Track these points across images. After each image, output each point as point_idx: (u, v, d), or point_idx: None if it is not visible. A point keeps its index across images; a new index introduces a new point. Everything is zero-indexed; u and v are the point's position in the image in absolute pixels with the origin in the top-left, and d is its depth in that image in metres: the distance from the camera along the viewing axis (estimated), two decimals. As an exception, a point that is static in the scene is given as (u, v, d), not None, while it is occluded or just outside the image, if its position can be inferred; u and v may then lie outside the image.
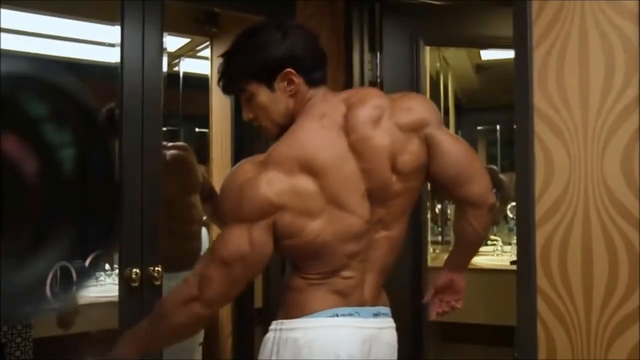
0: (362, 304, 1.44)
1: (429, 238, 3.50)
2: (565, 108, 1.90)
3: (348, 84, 2.70)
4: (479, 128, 4.99)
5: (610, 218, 1.84)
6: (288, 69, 1.41)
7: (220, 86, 1.50)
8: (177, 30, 3.31)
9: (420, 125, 1.44)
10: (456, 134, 4.26)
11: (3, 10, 2.24)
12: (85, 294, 2.41)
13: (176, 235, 2.75)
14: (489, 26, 2.79)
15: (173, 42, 3.42)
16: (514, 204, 3.33)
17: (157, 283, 2.19)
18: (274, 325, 1.43)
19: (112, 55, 2.31)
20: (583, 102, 1.88)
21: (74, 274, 0.74)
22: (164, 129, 2.46)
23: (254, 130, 1.52)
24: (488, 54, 4.19)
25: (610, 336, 1.83)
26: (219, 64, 1.50)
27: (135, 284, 2.14)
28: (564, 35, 1.91)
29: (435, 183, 1.52)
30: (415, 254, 2.72)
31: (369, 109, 1.41)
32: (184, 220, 2.87)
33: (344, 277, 1.42)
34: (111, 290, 2.57)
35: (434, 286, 1.65)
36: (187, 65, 3.69)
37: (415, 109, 1.45)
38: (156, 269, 2.18)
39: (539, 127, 1.94)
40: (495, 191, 4.63)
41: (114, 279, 2.78)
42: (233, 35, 1.53)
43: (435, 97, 3.95)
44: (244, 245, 1.33)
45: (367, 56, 2.74)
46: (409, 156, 1.42)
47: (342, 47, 2.75)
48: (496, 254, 4.11)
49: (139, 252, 2.15)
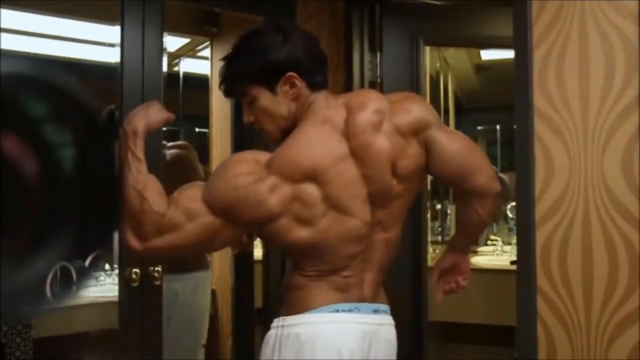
0: (362, 301, 1.46)
1: (429, 238, 3.50)
2: (565, 108, 1.90)
3: (348, 84, 2.70)
4: (479, 128, 4.98)
5: (610, 218, 1.84)
6: (290, 73, 1.41)
7: (222, 90, 1.50)
8: (177, 30, 3.31)
9: (419, 127, 1.45)
10: (455, 129, 4.27)
11: (3, 10, 2.24)
12: (85, 294, 2.41)
13: None
14: (489, 26, 2.79)
15: (173, 42, 3.42)
16: (514, 204, 3.33)
17: (157, 283, 2.19)
18: (276, 322, 1.44)
19: (112, 55, 2.31)
20: (583, 102, 1.88)
21: (74, 274, 0.74)
22: (164, 129, 2.46)
23: (253, 131, 1.52)
24: (488, 54, 4.19)
25: (610, 336, 1.83)
26: (220, 68, 1.50)
27: (135, 284, 2.14)
28: (564, 35, 1.91)
29: (442, 179, 1.55)
30: (415, 253, 2.72)
31: (369, 114, 1.42)
32: None
33: (344, 276, 1.43)
34: (111, 290, 2.57)
35: (439, 268, 1.68)
36: (187, 65, 3.69)
37: (414, 110, 1.46)
38: (156, 269, 2.18)
39: (539, 127, 1.93)
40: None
41: (114, 279, 2.78)
42: (233, 35, 1.53)
43: (435, 97, 3.95)
44: (207, 235, 1.34)
45: (367, 56, 2.73)
46: (409, 159, 1.44)
47: (342, 47, 2.75)
48: (496, 254, 4.11)
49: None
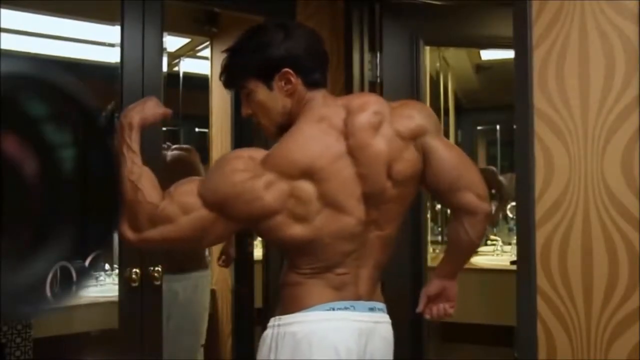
0: (357, 299, 1.46)
1: (429, 238, 3.50)
2: (565, 108, 1.90)
3: (348, 84, 2.70)
4: (478, 128, 4.99)
5: (610, 218, 1.84)
6: (286, 69, 1.42)
7: (222, 81, 1.52)
8: (177, 30, 3.31)
9: (419, 133, 1.45)
10: (453, 142, 4.28)
11: (3, 10, 2.24)
12: (85, 294, 2.42)
13: None
14: (489, 26, 2.79)
15: (173, 42, 3.42)
16: (514, 204, 3.33)
17: (157, 283, 2.19)
18: (272, 322, 1.44)
19: (112, 55, 2.31)
20: (583, 102, 1.88)
21: (74, 274, 0.74)
22: (164, 129, 2.46)
23: (253, 130, 1.52)
24: (488, 54, 4.19)
25: (610, 336, 1.83)
26: (222, 60, 1.51)
27: (135, 284, 2.14)
28: (564, 35, 1.91)
29: (432, 190, 1.54)
30: (415, 254, 2.72)
31: (369, 115, 1.42)
32: None
33: (338, 274, 1.43)
34: (111, 290, 2.57)
35: (426, 294, 1.64)
36: (187, 65, 3.69)
37: (415, 117, 1.46)
38: (156, 269, 2.18)
39: (539, 127, 1.94)
40: (494, 192, 4.64)
41: (113, 279, 2.78)
42: (233, 35, 1.54)
43: (435, 97, 3.95)
44: (201, 229, 1.34)
45: (367, 56, 2.73)
46: (405, 164, 1.43)
47: (342, 47, 2.75)
48: (496, 254, 4.11)
49: (138, 252, 2.15)
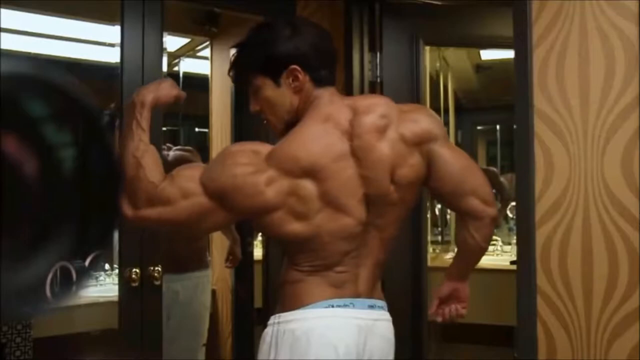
0: (357, 296, 1.46)
1: (429, 238, 3.49)
2: (566, 108, 1.90)
3: (348, 84, 2.70)
4: (478, 128, 4.98)
5: (610, 218, 1.84)
6: (293, 66, 1.41)
7: (230, 77, 1.52)
8: (177, 30, 3.31)
9: (424, 138, 1.45)
10: (453, 142, 4.28)
11: (3, 10, 2.24)
12: (85, 294, 2.41)
13: (181, 236, 2.76)
14: (489, 26, 2.79)
15: (173, 42, 3.42)
16: (514, 204, 3.33)
17: (157, 283, 2.19)
18: (272, 319, 1.44)
19: (112, 55, 2.31)
20: (583, 102, 1.88)
21: (74, 274, 0.74)
22: (164, 129, 2.46)
23: (254, 131, 1.52)
24: (488, 54, 4.19)
25: (610, 336, 1.83)
26: (232, 55, 1.51)
27: (135, 284, 2.14)
28: (564, 35, 1.91)
29: (438, 195, 1.55)
30: (415, 254, 2.72)
31: (375, 118, 1.42)
32: None
33: (338, 272, 1.44)
34: (111, 290, 2.57)
35: (437, 296, 1.65)
36: (187, 65, 3.69)
37: (422, 121, 1.46)
38: (156, 269, 2.18)
39: (539, 127, 1.94)
40: (495, 192, 4.65)
41: (113, 279, 2.78)
42: (233, 35, 1.55)
43: (435, 97, 3.95)
44: (198, 215, 1.33)
45: (367, 56, 2.73)
46: (408, 169, 1.44)
47: (342, 47, 2.75)
48: (496, 254, 4.10)
49: (138, 252, 2.15)
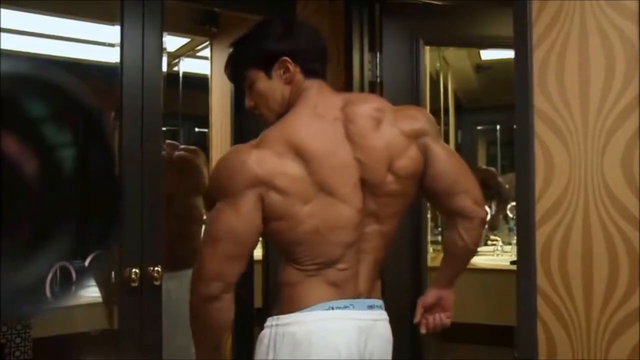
0: (357, 296, 1.46)
1: (429, 238, 3.50)
2: (566, 108, 1.90)
3: (348, 84, 2.70)
4: (478, 128, 4.99)
5: (610, 218, 1.84)
6: (284, 57, 1.46)
7: (226, 74, 1.58)
8: (177, 30, 3.31)
9: (421, 133, 1.49)
10: (453, 142, 4.30)
11: (3, 10, 2.24)
12: (85, 294, 2.41)
13: (176, 234, 2.77)
14: (489, 26, 2.79)
15: (173, 42, 3.42)
16: (514, 203, 3.33)
17: (157, 283, 2.19)
18: (270, 321, 1.44)
19: (112, 55, 2.31)
20: (583, 102, 1.88)
21: (74, 274, 0.74)
22: (164, 128, 2.46)
23: (253, 131, 1.52)
24: (488, 54, 4.20)
25: (610, 336, 1.83)
26: (228, 53, 1.57)
27: (135, 284, 2.14)
28: (564, 35, 1.91)
29: (429, 193, 1.56)
30: (415, 254, 2.72)
31: (370, 108, 1.46)
32: (187, 219, 2.89)
33: (339, 269, 1.43)
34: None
35: (422, 305, 1.66)
36: (187, 65, 3.69)
37: (418, 118, 1.51)
38: (156, 269, 2.18)
39: (539, 127, 1.94)
40: (494, 192, 4.64)
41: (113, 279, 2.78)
42: (233, 35, 1.57)
43: (435, 97, 3.95)
44: (231, 218, 1.36)
45: (367, 56, 2.73)
46: (408, 161, 1.46)
47: (342, 47, 2.75)
48: (496, 254, 4.11)
49: (138, 252, 2.15)
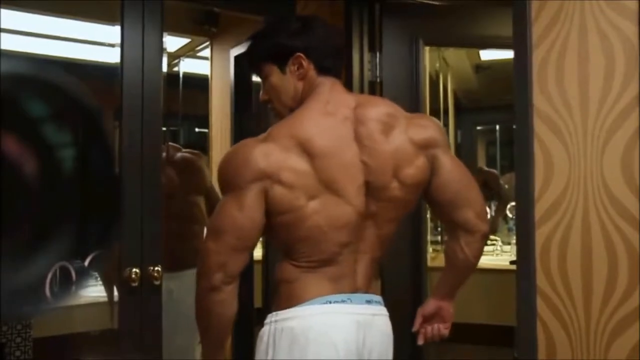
0: (354, 291, 1.47)
1: (429, 238, 3.50)
2: (565, 108, 1.90)
3: (348, 84, 2.70)
4: (478, 128, 4.98)
5: (609, 218, 1.84)
6: (298, 53, 1.47)
7: (246, 66, 1.65)
8: (177, 30, 3.31)
9: (431, 144, 1.49)
10: (453, 142, 4.30)
11: (3, 10, 2.24)
12: (84, 294, 2.42)
13: (177, 234, 2.78)
14: (488, 26, 2.79)
15: (173, 42, 3.42)
16: (513, 203, 3.33)
17: (157, 283, 2.19)
18: (269, 318, 1.45)
19: (112, 56, 2.31)
20: (583, 102, 1.88)
21: (73, 274, 0.74)
22: (164, 128, 2.46)
23: (253, 131, 1.54)
24: (487, 54, 4.20)
25: (609, 336, 1.83)
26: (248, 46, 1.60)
27: (135, 284, 2.14)
28: (564, 35, 1.91)
29: (433, 203, 1.57)
30: (415, 254, 2.72)
31: (382, 113, 1.47)
32: (188, 220, 2.90)
33: (336, 266, 1.44)
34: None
35: (421, 314, 1.67)
36: (187, 65, 3.69)
37: (429, 127, 1.51)
38: (156, 268, 2.18)
39: (539, 127, 1.93)
40: (494, 195, 4.64)
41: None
42: (233, 35, 1.59)
43: (434, 97, 3.95)
44: (234, 212, 1.38)
45: (367, 56, 2.73)
46: (414, 170, 1.46)
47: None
48: (496, 254, 4.11)
49: (138, 252, 2.15)
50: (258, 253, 3.17)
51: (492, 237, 4.32)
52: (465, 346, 3.92)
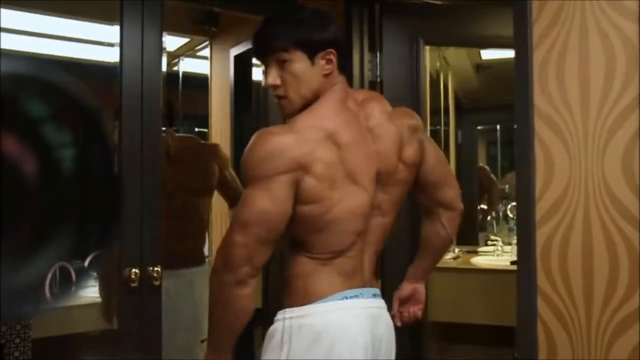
0: (363, 285, 1.50)
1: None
2: (566, 108, 1.90)
3: (348, 84, 2.69)
4: (478, 128, 4.97)
5: (610, 218, 1.83)
6: (331, 49, 1.49)
7: (257, 43, 1.51)
8: (177, 30, 3.31)
9: (418, 129, 1.61)
10: (453, 142, 4.35)
11: (3, 10, 2.24)
12: (84, 294, 2.41)
13: (171, 233, 2.73)
14: (489, 26, 2.79)
15: (172, 42, 3.42)
16: (514, 203, 3.33)
17: (157, 283, 2.18)
18: (281, 314, 1.44)
19: (112, 55, 2.31)
20: (583, 102, 1.88)
21: (73, 274, 0.74)
22: (164, 128, 2.45)
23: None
24: (488, 54, 4.19)
25: (610, 337, 1.83)
26: (266, 22, 1.51)
27: (135, 284, 2.13)
28: (564, 34, 1.91)
29: (421, 184, 1.65)
30: (415, 253, 2.71)
31: (382, 103, 1.58)
32: (187, 218, 2.85)
33: (348, 257, 1.47)
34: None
35: (398, 298, 1.76)
36: (187, 65, 3.69)
37: (414, 116, 1.63)
38: (155, 269, 2.18)
39: (539, 127, 1.93)
40: (487, 186, 4.64)
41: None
42: (232, 34, 1.56)
43: (435, 97, 3.94)
44: (265, 203, 1.36)
45: (367, 56, 2.73)
46: (412, 150, 1.56)
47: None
48: (496, 254, 4.10)
49: (138, 252, 2.15)
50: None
51: (493, 238, 4.31)
52: (465, 346, 3.92)
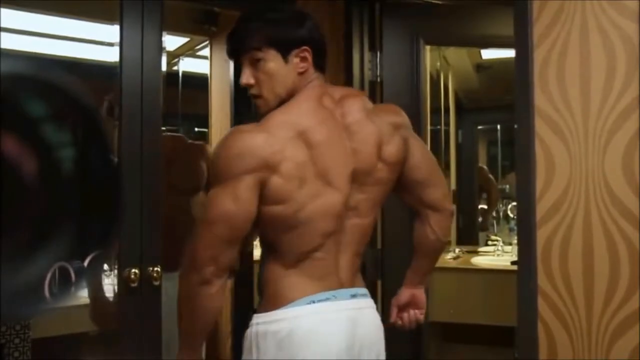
0: (340, 286, 1.47)
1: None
2: (566, 107, 1.90)
3: (348, 84, 2.69)
4: (479, 128, 4.97)
5: (611, 218, 1.83)
6: (306, 47, 1.46)
7: (230, 44, 1.51)
8: (177, 30, 3.30)
9: (403, 126, 1.56)
10: (453, 142, 4.35)
11: (3, 10, 2.23)
12: (84, 295, 2.41)
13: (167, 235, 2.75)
14: (489, 25, 2.79)
15: (172, 42, 3.41)
16: (514, 203, 3.33)
17: (156, 283, 2.18)
18: (253, 320, 1.45)
19: (111, 55, 2.30)
20: (584, 102, 1.88)
21: (73, 275, 0.73)
22: (164, 128, 2.45)
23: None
24: (488, 53, 4.18)
25: (611, 337, 1.83)
26: (236, 24, 1.51)
27: (134, 284, 2.13)
28: (565, 34, 1.91)
29: (406, 183, 1.60)
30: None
31: (361, 100, 1.53)
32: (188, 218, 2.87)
33: (318, 259, 1.44)
34: (110, 291, 2.56)
35: (396, 304, 1.70)
36: (187, 65, 3.69)
37: (399, 113, 1.58)
38: (155, 269, 2.17)
39: (540, 127, 1.93)
40: (485, 187, 4.64)
41: (112, 280, 2.78)
42: (232, 35, 1.54)
43: (435, 97, 3.94)
44: (228, 203, 1.35)
45: (367, 56, 2.73)
46: (394, 147, 1.51)
47: (342, 47, 2.74)
48: (497, 254, 4.10)
49: (138, 252, 2.15)
50: (258, 253, 3.16)
51: (493, 238, 4.31)
52: (465, 346, 3.91)
